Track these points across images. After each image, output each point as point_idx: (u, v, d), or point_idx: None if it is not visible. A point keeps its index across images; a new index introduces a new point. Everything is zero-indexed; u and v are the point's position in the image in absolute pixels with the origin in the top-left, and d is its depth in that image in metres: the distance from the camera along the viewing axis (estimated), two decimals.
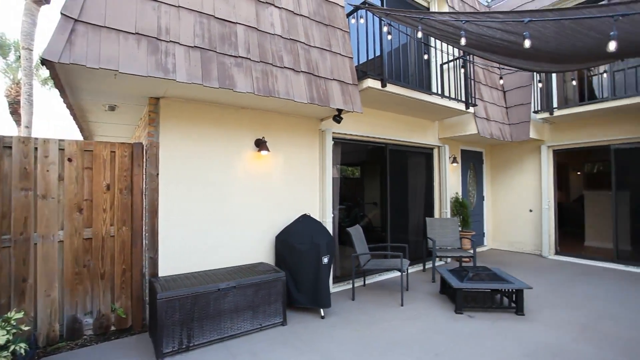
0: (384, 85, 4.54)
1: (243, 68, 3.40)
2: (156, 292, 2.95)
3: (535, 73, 6.58)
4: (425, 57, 5.62)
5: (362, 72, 4.58)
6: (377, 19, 4.77)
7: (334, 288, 4.94)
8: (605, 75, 6.50)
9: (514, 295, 4.07)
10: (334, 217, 5.05)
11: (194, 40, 3.17)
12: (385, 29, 4.57)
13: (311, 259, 3.81)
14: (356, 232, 4.87)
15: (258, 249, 4.22)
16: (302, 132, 4.70)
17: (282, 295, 3.62)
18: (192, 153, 3.76)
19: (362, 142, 5.62)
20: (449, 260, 6.69)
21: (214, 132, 3.91)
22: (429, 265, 6.22)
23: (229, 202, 4.00)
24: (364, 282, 5.26)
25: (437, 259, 6.42)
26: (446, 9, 6.45)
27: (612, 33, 2.54)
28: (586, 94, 6.60)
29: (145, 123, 3.71)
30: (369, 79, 4.46)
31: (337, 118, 4.40)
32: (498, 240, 8.17)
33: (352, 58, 4.43)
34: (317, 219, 4.75)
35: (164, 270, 3.54)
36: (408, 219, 6.50)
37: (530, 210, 7.56)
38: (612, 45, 2.55)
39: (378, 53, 4.80)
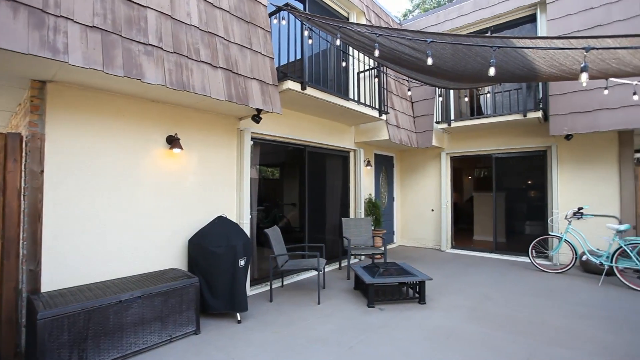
0: (303, 88, 4.62)
1: (154, 58, 3.12)
2: (36, 311, 2.50)
3: (436, 88, 7.42)
4: (344, 64, 5.90)
5: (283, 73, 4.59)
6: (298, 22, 4.84)
7: (251, 291, 4.83)
8: (488, 95, 7.69)
9: (417, 287, 4.51)
10: (251, 219, 4.95)
11: (93, 19, 2.79)
12: (306, 33, 4.66)
13: (227, 262, 3.67)
14: (274, 233, 4.85)
15: (169, 254, 3.90)
16: (219, 130, 4.50)
17: (195, 302, 3.40)
18: (89, 148, 3.29)
19: (281, 143, 5.63)
20: (362, 257, 7.12)
21: (117, 126, 3.49)
22: (344, 263, 6.53)
23: (134, 204, 3.61)
24: (282, 283, 5.27)
25: (352, 257, 6.77)
26: (364, 22, 6.88)
27: (491, 60, 3.00)
28: (475, 110, 7.74)
29: (26, 110, 3.13)
30: (290, 81, 4.49)
31: (256, 118, 4.33)
32: (406, 237, 8.99)
33: (273, 58, 4.41)
34: (234, 220, 4.60)
35: (50, 285, 3.02)
36: (325, 219, 6.73)
37: (432, 210, 8.49)
38: (491, 71, 3.02)
39: (299, 56, 4.87)
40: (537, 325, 3.71)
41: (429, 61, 3.21)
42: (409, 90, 7.61)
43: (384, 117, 6.42)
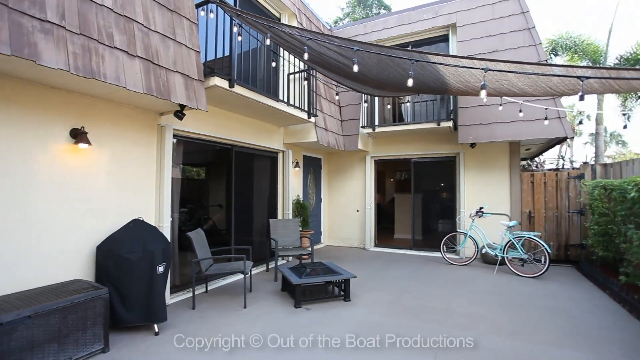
0: (231, 86, 4.48)
1: (54, 37, 2.71)
2: None
3: (363, 94, 7.82)
4: (274, 64, 5.87)
5: (210, 69, 4.39)
6: (228, 17, 4.67)
7: (171, 299, 4.51)
8: (409, 104, 8.36)
9: (343, 285, 4.68)
10: (173, 221, 4.62)
11: None
12: (235, 29, 4.52)
13: (143, 269, 3.36)
14: (197, 236, 4.59)
15: (72, 264, 3.42)
16: (136, 125, 4.11)
17: (103, 316, 3.04)
18: None
19: (207, 142, 5.37)
20: (290, 258, 7.14)
21: (6, 115, 2.95)
22: (272, 265, 6.48)
23: (27, 206, 3.09)
24: (207, 288, 5.01)
25: (280, 258, 6.75)
26: (295, 24, 6.93)
27: (410, 72, 3.28)
28: (397, 117, 8.36)
29: None
30: (217, 77, 4.31)
31: (179, 114, 4.07)
32: (333, 237, 9.27)
33: (199, 52, 4.19)
34: (153, 223, 4.24)
35: None
36: (253, 221, 6.60)
37: (357, 211, 8.91)
38: (410, 82, 3.29)
39: (227, 52, 4.70)
40: (445, 312, 4.13)
41: (355, 68, 3.36)
42: (337, 94, 7.89)
43: (312, 119, 6.54)
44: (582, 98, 3.08)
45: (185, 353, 3.09)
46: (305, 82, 6.44)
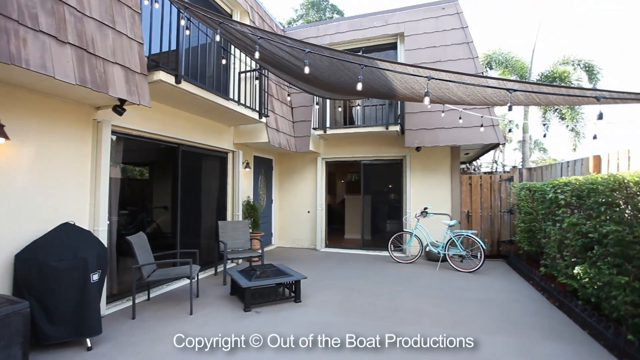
0: (178, 82, 4.25)
1: None
2: None
3: (315, 96, 7.89)
4: (224, 62, 5.69)
5: (155, 62, 4.13)
6: (175, 9, 4.44)
7: (108, 309, 4.15)
8: (359, 107, 8.61)
9: (293, 286, 4.67)
10: (110, 225, 4.27)
11: None
12: (183, 22, 4.30)
13: (74, 278, 3.05)
14: (139, 240, 4.29)
15: None
16: (68, 120, 3.73)
17: (22, 334, 2.69)
18: None
19: (152, 140, 5.05)
20: (240, 261, 6.97)
21: None
22: (220, 268, 6.26)
23: None
24: (149, 295, 4.70)
25: (229, 261, 6.55)
26: (247, 22, 6.79)
27: (359, 76, 3.37)
28: (348, 120, 8.56)
29: None
30: (162, 72, 4.07)
31: (119, 109, 3.78)
32: (284, 238, 9.21)
33: (142, 44, 3.92)
34: (87, 227, 3.88)
35: None
36: (201, 223, 6.33)
37: (308, 212, 8.95)
38: (359, 86, 3.39)
39: (174, 47, 4.47)
40: (392, 309, 4.31)
41: (306, 70, 3.38)
42: (288, 95, 7.86)
43: (264, 119, 6.45)
44: (510, 108, 3.41)
45: None
46: (257, 82, 6.34)
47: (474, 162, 12.10)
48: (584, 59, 12.37)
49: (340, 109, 8.73)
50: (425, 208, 7.12)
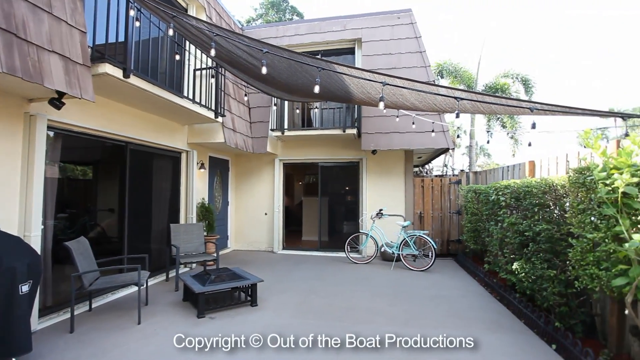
0: (126, 76, 3.99)
1: None
2: None
3: (273, 97, 7.82)
4: (178, 57, 5.45)
5: (100, 54, 3.84)
6: None
7: (41, 323, 3.77)
8: (317, 110, 8.67)
9: (250, 290, 4.57)
10: (45, 229, 3.90)
11: None
12: (132, 12, 4.06)
13: None
14: (79, 246, 3.96)
15: None
16: None
17: None
18: None
19: (96, 137, 4.70)
20: (194, 265, 6.69)
21: None
22: (173, 273, 5.96)
23: None
24: (90, 306, 4.34)
25: (182, 266, 6.27)
26: (204, 18, 6.56)
27: (317, 79, 3.41)
28: (306, 122, 8.59)
29: None
30: (108, 65, 3.79)
31: (57, 102, 3.46)
32: (240, 241, 9.00)
33: (85, 33, 3.62)
34: (15, 233, 3.50)
35: None
36: (151, 226, 5.99)
37: (266, 214, 8.84)
38: (316, 88, 3.42)
39: (122, 38, 4.19)
40: (348, 310, 4.38)
41: (264, 70, 3.35)
42: (246, 95, 7.72)
43: (220, 119, 6.27)
44: (457, 115, 3.64)
45: None
46: (213, 80, 6.14)
47: (426, 166, 12.72)
48: (521, 73, 13.57)
49: (298, 111, 8.75)
50: (381, 210, 7.35)
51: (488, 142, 16.16)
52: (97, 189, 5.87)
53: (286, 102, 8.50)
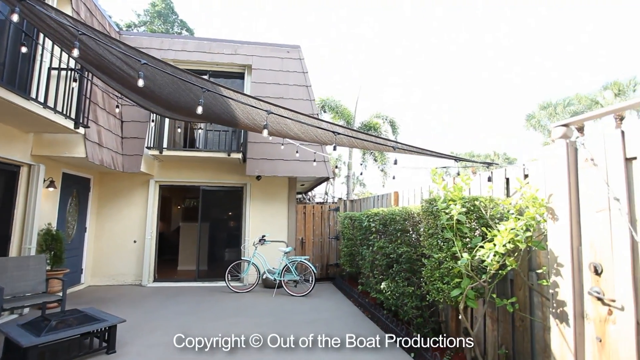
0: None
1: None
2: None
3: (151, 112, 7.13)
4: (24, 50, 4.49)
5: None
6: None
7: None
8: (201, 131, 8.29)
9: (107, 334, 3.85)
10: None
11: None
12: None
13: None
14: None
15: None
16: None
17: None
18: None
19: None
20: (27, 310, 5.28)
21: None
22: None
23: None
24: None
25: (7, 312, 4.89)
26: (69, 11, 5.64)
27: (200, 100, 3.29)
28: (188, 142, 8.07)
29: None
30: None
31: None
32: (99, 275, 7.59)
33: None
34: None
35: None
36: None
37: (135, 241, 7.75)
38: (199, 109, 3.29)
39: None
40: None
41: (140, 82, 3.06)
42: (117, 107, 6.84)
43: (82, 130, 5.36)
44: (335, 148, 4.00)
45: None
46: (75, 84, 5.25)
47: (309, 193, 13.38)
48: (389, 115, 15.92)
49: (180, 130, 8.18)
50: (263, 236, 7.30)
51: (362, 173, 18.10)
52: None
53: (167, 120, 7.86)
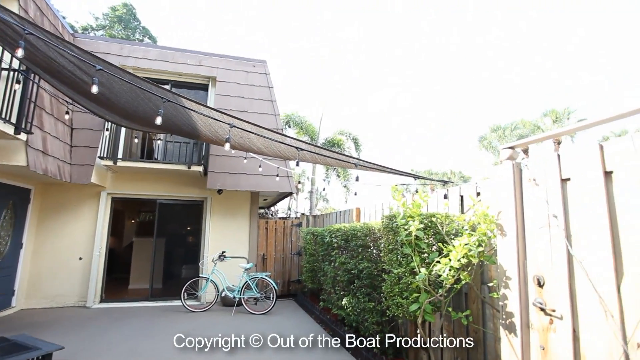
0: None
1: None
2: None
3: (106, 120, 6.76)
4: None
5: None
6: None
7: None
8: (160, 142, 7.97)
9: None
10: None
11: None
12: None
13: None
14: None
15: None
16: None
17: None
18: None
19: None
20: None
21: None
22: None
23: None
24: None
25: None
26: (15, 8, 5.26)
27: (160, 110, 3.18)
28: (146, 153, 7.70)
29: None
30: None
31: None
32: (35, 297, 6.87)
33: None
34: None
35: None
36: None
37: (80, 258, 7.14)
38: (158, 119, 3.18)
39: None
40: None
41: (94, 89, 2.90)
42: (67, 113, 6.40)
43: (23, 136, 4.94)
44: (297, 164, 4.02)
45: None
46: (19, 86, 4.86)
47: (272, 208, 13.20)
48: (352, 132, 16.31)
49: (137, 140, 7.80)
50: (223, 252, 7.06)
51: (324, 189, 18.26)
52: None
53: (123, 129, 7.48)
